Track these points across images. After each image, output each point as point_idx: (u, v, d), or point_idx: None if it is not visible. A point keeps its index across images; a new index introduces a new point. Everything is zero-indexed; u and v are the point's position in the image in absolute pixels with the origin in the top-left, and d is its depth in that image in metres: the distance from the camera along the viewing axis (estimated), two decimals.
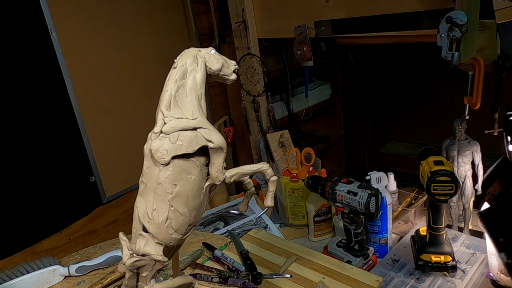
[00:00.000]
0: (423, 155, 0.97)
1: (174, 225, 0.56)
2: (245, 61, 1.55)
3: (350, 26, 1.24)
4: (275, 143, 1.54)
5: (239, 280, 0.90)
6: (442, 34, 0.97)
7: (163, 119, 0.54)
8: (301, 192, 1.26)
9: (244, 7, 1.45)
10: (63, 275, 1.00)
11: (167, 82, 0.55)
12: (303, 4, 1.33)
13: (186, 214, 0.56)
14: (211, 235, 1.15)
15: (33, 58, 1.35)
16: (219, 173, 0.56)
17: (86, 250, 1.12)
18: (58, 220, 1.49)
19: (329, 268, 0.93)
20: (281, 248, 1.04)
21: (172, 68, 0.56)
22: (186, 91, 0.55)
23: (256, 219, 1.34)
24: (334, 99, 2.24)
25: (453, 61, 0.97)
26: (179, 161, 0.54)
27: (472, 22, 0.95)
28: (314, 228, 1.23)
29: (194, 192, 0.56)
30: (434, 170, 0.88)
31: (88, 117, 1.51)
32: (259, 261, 0.99)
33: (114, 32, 1.56)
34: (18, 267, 0.96)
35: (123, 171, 1.64)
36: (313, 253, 1.00)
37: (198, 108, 0.56)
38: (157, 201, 0.55)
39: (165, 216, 0.55)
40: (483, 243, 1.02)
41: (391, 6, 1.13)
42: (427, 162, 0.92)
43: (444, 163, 0.90)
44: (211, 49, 0.58)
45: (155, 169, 0.55)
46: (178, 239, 0.58)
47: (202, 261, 1.02)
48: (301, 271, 0.94)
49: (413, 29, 1.11)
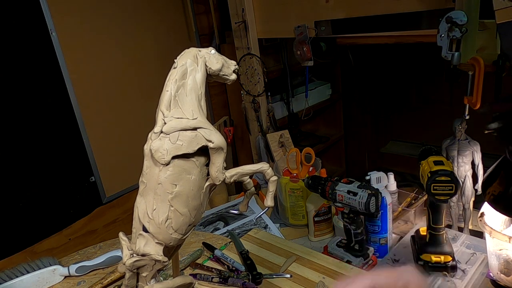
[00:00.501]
0: (423, 155, 0.97)
1: (174, 225, 0.56)
2: (245, 61, 1.55)
3: (350, 26, 1.24)
4: (275, 143, 1.54)
5: (239, 280, 0.90)
6: (442, 34, 0.97)
7: (163, 119, 0.54)
8: (301, 192, 1.26)
9: (244, 7, 1.45)
10: (63, 275, 1.00)
11: (167, 82, 0.55)
12: (303, 4, 1.33)
13: (186, 214, 0.56)
14: (211, 235, 1.15)
15: (33, 58, 1.35)
16: (219, 173, 0.56)
17: (86, 250, 1.12)
18: (58, 220, 1.49)
19: (329, 268, 0.93)
20: (281, 248, 1.04)
21: (172, 68, 0.56)
22: (186, 91, 0.55)
23: (256, 219, 1.34)
24: (334, 99, 2.24)
25: (453, 61, 0.97)
26: (179, 161, 0.54)
27: (472, 22, 0.95)
28: (314, 228, 1.22)
29: (194, 192, 0.56)
30: (434, 170, 0.88)
31: (88, 117, 1.51)
32: (259, 261, 0.99)
33: (114, 32, 1.56)
34: (18, 267, 0.96)
35: (123, 171, 1.64)
36: (313, 253, 1.00)
37: (198, 108, 0.56)
38: (157, 201, 0.55)
39: (165, 216, 0.55)
40: (483, 243, 1.01)
41: (391, 6, 1.13)
42: (427, 162, 0.92)
43: (444, 163, 0.90)
44: (211, 49, 0.58)
45: (155, 169, 0.55)
46: (178, 239, 0.58)
47: (202, 261, 1.02)
48: (301, 271, 0.93)
49: (413, 29, 1.11)
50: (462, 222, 1.13)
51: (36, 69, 1.36)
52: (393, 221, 1.18)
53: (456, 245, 1.04)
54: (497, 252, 0.87)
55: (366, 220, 1.10)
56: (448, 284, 0.93)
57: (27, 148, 1.37)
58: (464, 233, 1.10)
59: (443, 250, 0.94)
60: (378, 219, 1.08)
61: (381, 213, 1.07)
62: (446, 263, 0.94)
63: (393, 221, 1.16)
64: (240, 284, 0.90)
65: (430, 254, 0.95)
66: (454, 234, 1.09)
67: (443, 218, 0.93)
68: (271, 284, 0.91)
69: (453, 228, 1.14)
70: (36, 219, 1.42)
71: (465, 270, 0.96)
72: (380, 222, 1.09)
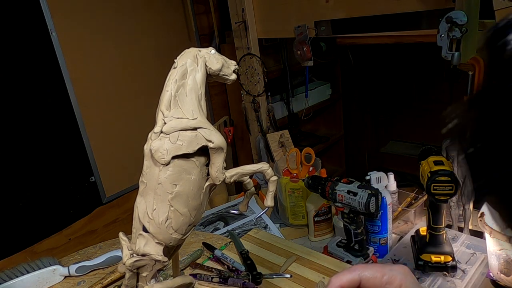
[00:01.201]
0: (423, 155, 0.97)
1: (174, 225, 0.56)
2: (245, 61, 1.54)
3: (350, 26, 1.24)
4: (275, 143, 1.54)
5: (239, 280, 0.90)
6: (442, 34, 0.97)
7: (163, 119, 0.54)
8: (301, 192, 1.26)
9: (244, 7, 1.45)
10: (63, 275, 1.00)
11: (167, 82, 0.55)
12: (303, 4, 1.33)
13: (186, 214, 0.56)
14: (211, 235, 1.15)
15: (33, 58, 1.35)
16: (219, 173, 0.56)
17: (86, 250, 1.12)
18: (58, 220, 1.49)
19: (329, 268, 0.93)
20: (281, 248, 1.04)
21: (172, 68, 0.56)
22: (186, 91, 0.55)
23: (256, 219, 1.34)
24: (334, 99, 2.24)
25: (453, 61, 0.97)
26: (179, 161, 0.54)
27: (472, 22, 0.95)
28: (314, 228, 1.22)
29: (194, 192, 0.56)
30: (434, 170, 0.88)
31: (88, 117, 1.51)
32: (259, 261, 0.99)
33: (114, 32, 1.56)
34: (18, 267, 0.96)
35: (123, 171, 1.64)
36: (313, 253, 1.00)
37: (198, 108, 0.56)
38: (157, 201, 0.55)
39: (165, 216, 0.55)
40: (483, 243, 1.01)
41: (391, 6, 1.13)
42: (427, 162, 0.92)
43: (444, 163, 0.90)
44: (211, 49, 0.58)
45: (155, 169, 0.55)
46: (178, 239, 0.58)
47: (202, 261, 1.02)
48: (301, 271, 0.93)
49: (413, 29, 1.11)
50: (462, 222, 1.13)
51: (36, 69, 1.36)
52: (393, 221, 1.18)
53: (456, 245, 1.04)
54: (497, 252, 0.87)
55: (366, 220, 1.10)
56: (448, 284, 0.93)
57: (27, 148, 1.37)
58: (464, 233, 1.10)
59: (443, 250, 0.94)
60: (378, 219, 1.08)
61: (381, 213, 1.07)
62: (446, 263, 0.94)
63: (393, 221, 1.16)
64: (240, 284, 0.90)
65: (430, 254, 0.95)
66: (454, 234, 1.09)
67: (443, 218, 0.93)
68: (271, 284, 0.91)
69: (453, 228, 1.14)
70: (36, 219, 1.42)
71: (465, 270, 0.96)
72: (380, 222, 1.08)
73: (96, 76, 1.53)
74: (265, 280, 0.92)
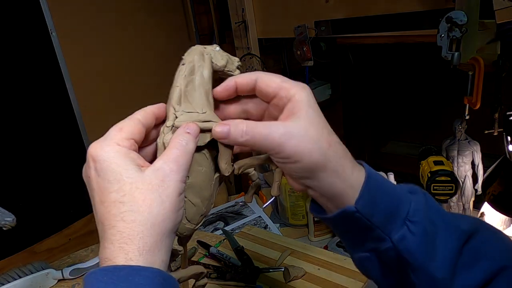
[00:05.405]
0: (423, 155, 0.97)
1: (187, 215, 0.57)
2: (245, 61, 1.55)
3: (350, 26, 1.24)
4: None
5: (237, 275, 0.91)
6: (442, 34, 0.97)
7: (175, 113, 0.56)
8: (301, 192, 1.26)
9: (244, 7, 1.45)
10: (57, 279, 0.99)
11: (177, 78, 0.57)
12: (303, 4, 1.33)
13: (198, 205, 0.57)
14: (205, 234, 1.15)
15: (33, 58, 1.35)
16: (228, 165, 0.58)
17: (77, 253, 1.11)
18: (58, 220, 1.48)
19: (324, 260, 0.96)
20: (275, 243, 1.06)
21: (181, 65, 0.58)
22: (195, 87, 0.57)
23: (256, 219, 1.34)
24: (334, 99, 2.23)
25: (453, 61, 0.97)
26: None
27: (472, 22, 0.95)
28: (314, 228, 1.23)
29: (206, 183, 0.58)
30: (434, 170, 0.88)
31: (88, 117, 1.51)
32: (255, 256, 1.01)
33: (114, 32, 1.56)
34: (10, 272, 0.95)
35: None
36: (306, 246, 1.02)
37: (207, 102, 0.57)
38: None
39: None
40: None
41: (391, 6, 1.13)
42: (427, 162, 0.93)
43: (444, 163, 0.90)
44: (216, 46, 0.61)
45: None
46: (191, 229, 0.59)
47: (198, 259, 1.02)
48: (297, 264, 0.96)
49: (413, 29, 1.11)
50: None
51: (36, 69, 1.36)
52: None
53: None
54: None
55: None
56: None
57: (27, 148, 1.37)
58: None
59: None
60: None
61: None
62: None
63: None
64: (238, 278, 0.91)
65: None
66: None
67: None
68: (269, 277, 0.93)
69: None
70: (36, 219, 1.42)
71: None
72: None
73: (96, 76, 1.53)
74: (262, 274, 0.94)
